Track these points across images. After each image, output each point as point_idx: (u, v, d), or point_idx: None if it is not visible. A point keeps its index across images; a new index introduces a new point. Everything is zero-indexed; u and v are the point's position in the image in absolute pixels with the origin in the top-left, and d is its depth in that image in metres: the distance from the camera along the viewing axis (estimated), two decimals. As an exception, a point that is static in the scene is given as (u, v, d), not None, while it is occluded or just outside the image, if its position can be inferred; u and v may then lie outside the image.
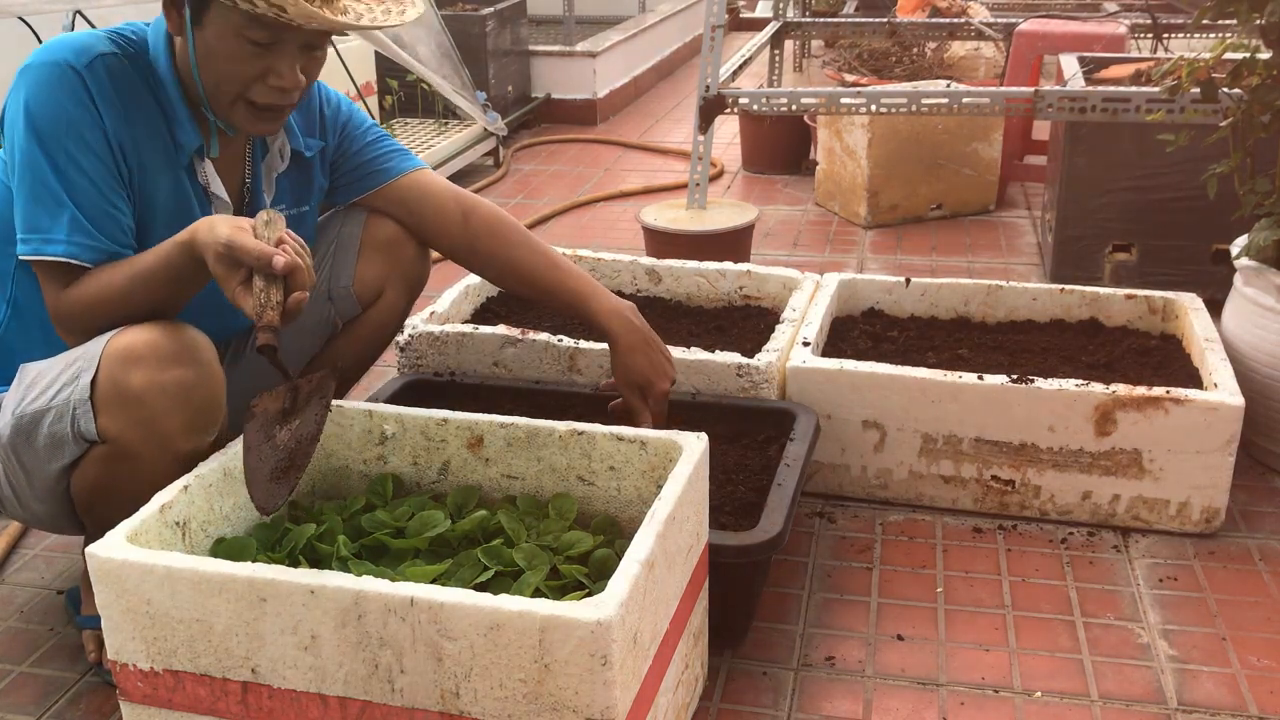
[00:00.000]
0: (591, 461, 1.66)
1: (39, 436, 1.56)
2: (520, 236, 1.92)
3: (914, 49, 5.21)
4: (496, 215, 1.93)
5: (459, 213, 1.91)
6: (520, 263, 1.91)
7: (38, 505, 1.66)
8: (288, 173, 1.81)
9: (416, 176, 1.92)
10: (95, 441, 1.53)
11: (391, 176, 1.90)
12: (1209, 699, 1.67)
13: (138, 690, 1.42)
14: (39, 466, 1.59)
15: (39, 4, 3.41)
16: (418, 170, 1.93)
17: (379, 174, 1.91)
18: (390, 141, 1.93)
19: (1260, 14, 2.20)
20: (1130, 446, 2.03)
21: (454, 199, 1.92)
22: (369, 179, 1.91)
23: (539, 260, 1.91)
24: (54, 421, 1.54)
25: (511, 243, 1.91)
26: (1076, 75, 3.28)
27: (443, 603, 1.25)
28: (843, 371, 2.12)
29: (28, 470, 1.60)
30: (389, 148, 1.92)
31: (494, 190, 4.44)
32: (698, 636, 1.63)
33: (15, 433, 1.58)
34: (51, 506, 1.65)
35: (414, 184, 1.91)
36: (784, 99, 3.34)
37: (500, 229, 1.91)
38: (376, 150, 1.91)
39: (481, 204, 1.93)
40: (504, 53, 5.17)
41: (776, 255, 3.61)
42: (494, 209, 1.94)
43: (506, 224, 1.92)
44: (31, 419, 1.56)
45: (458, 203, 1.92)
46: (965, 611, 1.88)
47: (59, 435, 1.54)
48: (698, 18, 7.26)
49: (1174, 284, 2.83)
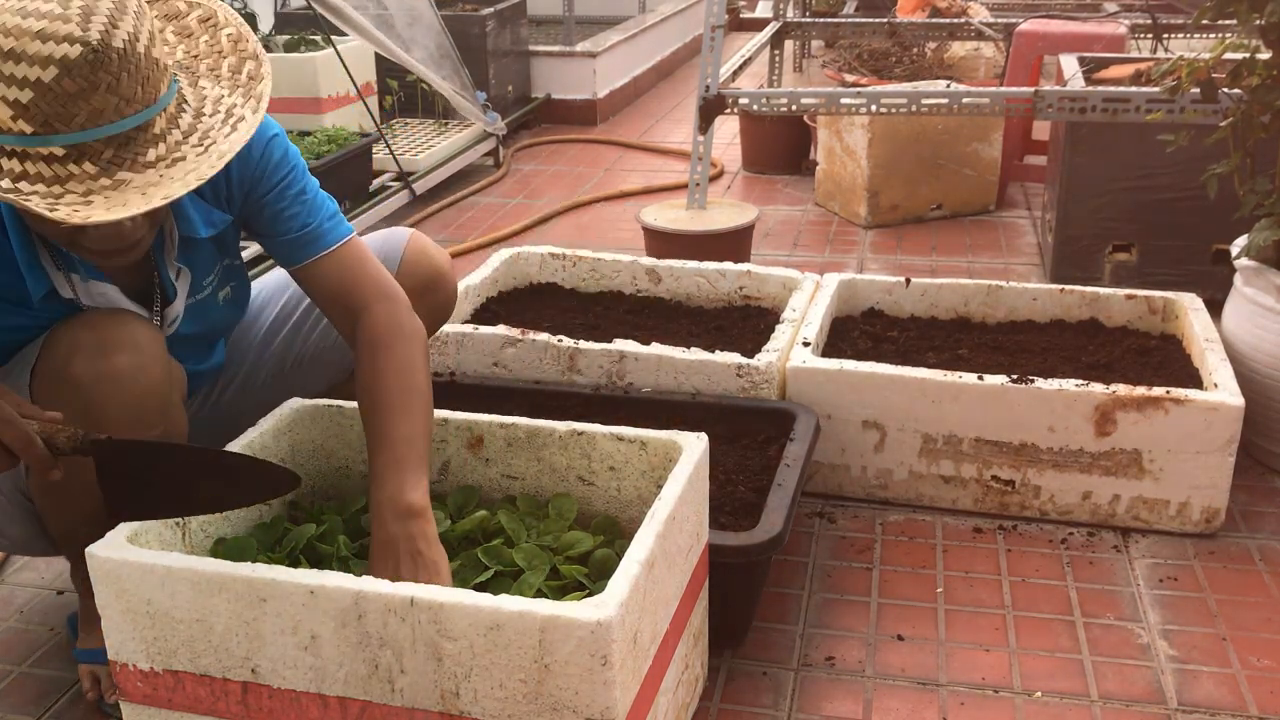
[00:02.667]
0: (591, 461, 1.66)
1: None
2: (390, 380, 1.54)
3: (914, 49, 5.21)
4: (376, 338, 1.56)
5: (349, 318, 1.61)
6: (365, 403, 1.54)
7: (12, 527, 1.64)
8: (194, 247, 1.61)
9: (309, 269, 1.62)
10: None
11: (291, 264, 1.64)
12: (1209, 699, 1.67)
13: (138, 690, 1.42)
14: (4, 478, 1.57)
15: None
16: (311, 262, 1.62)
17: (281, 258, 1.65)
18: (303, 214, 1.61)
19: (1260, 14, 2.20)
20: (1130, 447, 2.03)
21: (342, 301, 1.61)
22: (273, 251, 1.66)
23: (380, 415, 1.52)
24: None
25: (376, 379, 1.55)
26: (1076, 75, 3.28)
27: (443, 603, 1.25)
28: (843, 371, 2.12)
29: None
30: (295, 230, 1.61)
31: (494, 190, 4.44)
32: (698, 636, 1.63)
33: None
34: (25, 526, 1.63)
35: (309, 277, 1.63)
36: (784, 99, 3.34)
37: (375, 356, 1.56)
38: (283, 227, 1.62)
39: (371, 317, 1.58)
40: (504, 53, 5.18)
41: (776, 255, 3.61)
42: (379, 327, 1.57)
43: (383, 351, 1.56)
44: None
45: (346, 309, 1.61)
46: (965, 611, 1.88)
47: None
48: (698, 18, 7.26)
49: (1174, 284, 2.83)
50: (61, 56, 1.20)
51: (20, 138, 1.23)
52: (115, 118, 1.25)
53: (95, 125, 1.24)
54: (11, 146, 1.24)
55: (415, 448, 1.48)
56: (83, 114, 1.23)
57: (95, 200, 1.23)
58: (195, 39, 1.44)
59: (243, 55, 1.44)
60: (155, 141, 1.30)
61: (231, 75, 1.42)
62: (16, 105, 1.21)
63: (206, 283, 1.67)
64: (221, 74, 1.42)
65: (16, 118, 1.22)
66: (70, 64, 1.21)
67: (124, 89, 1.25)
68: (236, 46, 1.45)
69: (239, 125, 1.37)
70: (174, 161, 1.30)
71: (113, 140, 1.26)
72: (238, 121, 1.37)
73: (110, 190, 1.24)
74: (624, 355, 2.18)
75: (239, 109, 1.39)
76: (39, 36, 1.20)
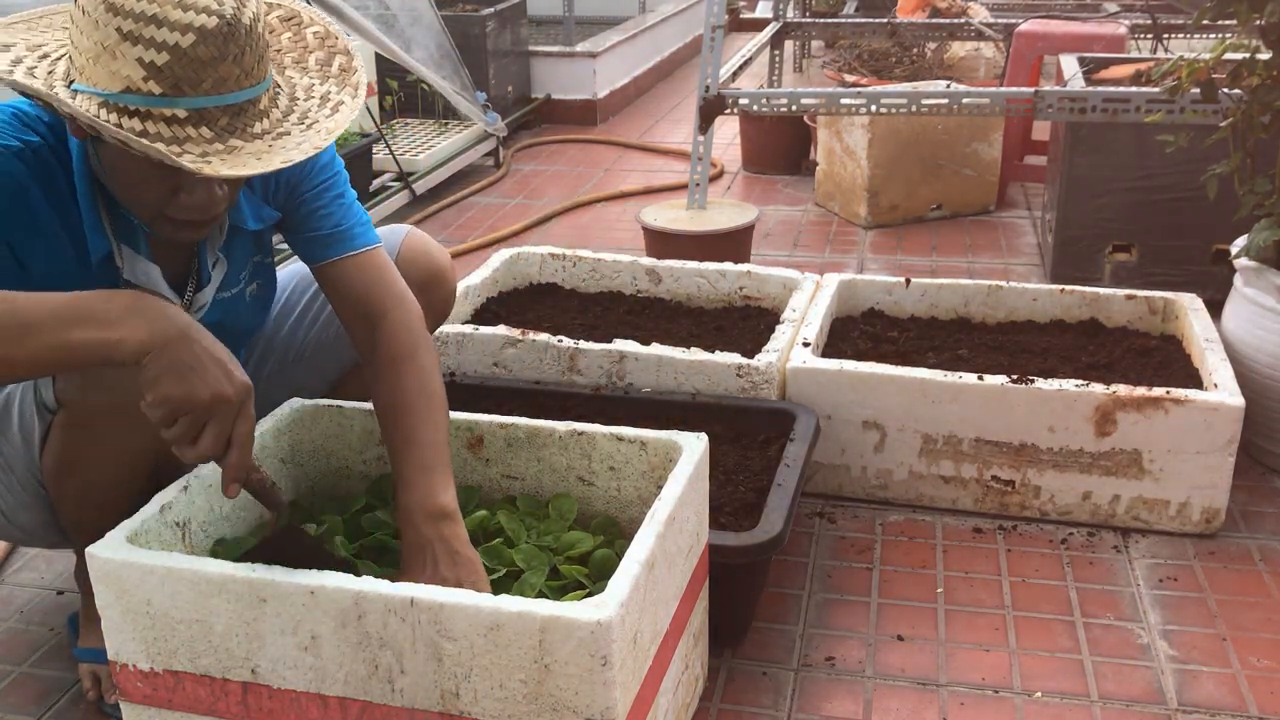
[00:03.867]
0: (591, 462, 1.66)
1: (13, 418, 1.54)
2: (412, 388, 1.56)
3: (914, 49, 5.21)
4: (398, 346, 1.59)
5: (365, 321, 1.63)
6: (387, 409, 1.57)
7: (24, 515, 1.64)
8: (236, 238, 1.66)
9: (331, 267, 1.65)
10: (55, 410, 1.51)
11: (315, 261, 1.67)
12: (1209, 699, 1.67)
13: (138, 690, 1.42)
14: (17, 459, 1.57)
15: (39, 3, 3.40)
16: (335, 261, 1.65)
17: (307, 254, 1.68)
18: (337, 215, 1.66)
19: (1260, 14, 2.20)
20: (1130, 447, 2.03)
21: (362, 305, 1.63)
22: (300, 248, 1.69)
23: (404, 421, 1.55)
24: (24, 391, 1.52)
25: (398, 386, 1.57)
26: (1076, 75, 3.28)
27: (443, 603, 1.25)
28: (843, 372, 2.12)
29: (10, 467, 1.59)
30: (326, 228, 1.65)
31: (494, 190, 4.44)
32: (698, 636, 1.63)
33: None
34: (36, 513, 1.63)
35: (331, 275, 1.66)
36: (784, 99, 3.34)
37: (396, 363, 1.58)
38: (315, 224, 1.66)
39: (391, 325, 1.60)
40: (504, 53, 5.18)
41: (776, 255, 3.61)
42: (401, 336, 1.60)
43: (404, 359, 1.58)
44: (5, 400, 1.55)
45: (366, 314, 1.63)
46: (965, 612, 1.88)
47: (28, 412, 1.52)
48: (698, 18, 7.26)
49: (1174, 284, 2.84)
50: (200, 25, 1.27)
51: (147, 98, 1.28)
52: (235, 88, 1.32)
53: (218, 93, 1.31)
54: (135, 106, 1.28)
55: (441, 452, 1.51)
56: (209, 81, 1.29)
57: (212, 160, 1.29)
58: (277, 35, 1.52)
59: (332, 50, 1.52)
60: (261, 116, 1.36)
61: (321, 68, 1.50)
62: (151, 67, 1.27)
63: (241, 276, 1.71)
64: (309, 66, 1.50)
65: (149, 79, 1.27)
66: (207, 32, 1.27)
67: (246, 62, 1.32)
68: (324, 43, 1.53)
69: (340, 109, 1.45)
70: (279, 135, 1.37)
71: (229, 109, 1.32)
72: (338, 105, 1.45)
73: (225, 154, 1.31)
74: (624, 355, 2.18)
75: (335, 95, 1.47)
76: (179, 5, 1.27)
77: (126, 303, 1.27)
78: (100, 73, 1.28)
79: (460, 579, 1.40)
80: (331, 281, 1.66)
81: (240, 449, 1.32)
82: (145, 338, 1.25)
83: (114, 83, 1.28)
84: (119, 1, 1.26)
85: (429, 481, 1.47)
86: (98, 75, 1.29)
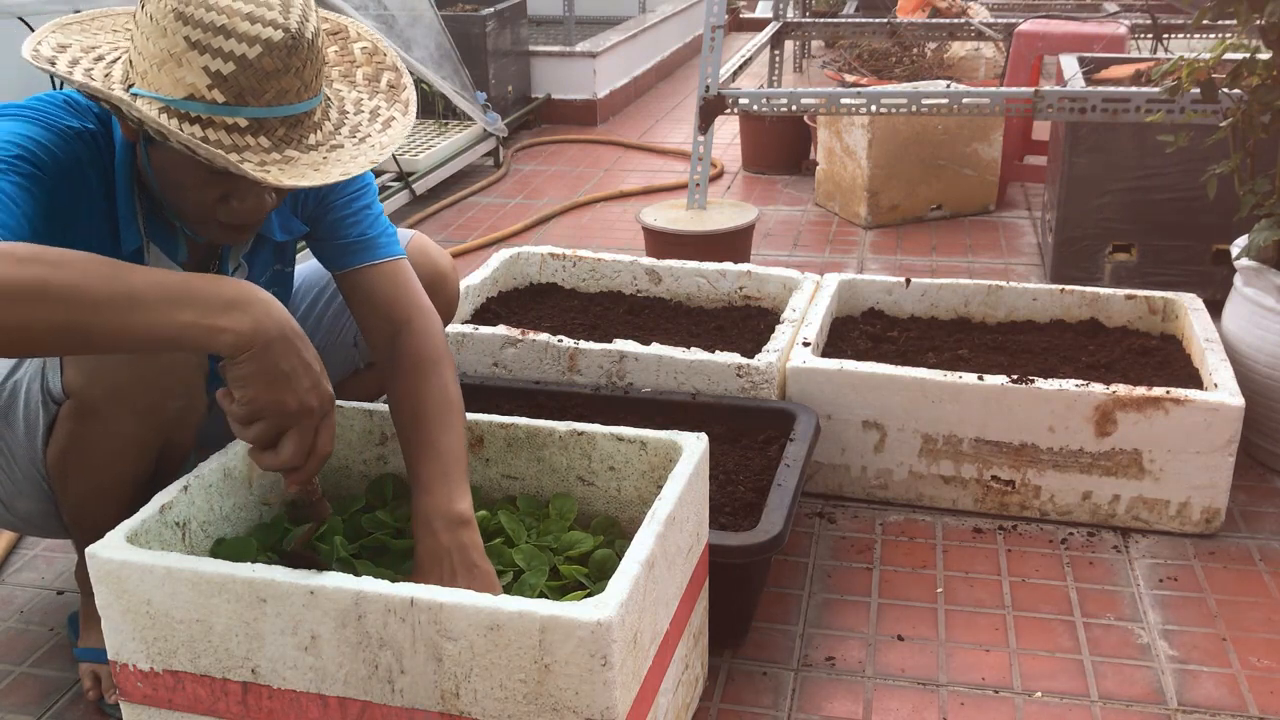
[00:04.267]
0: (591, 462, 1.66)
1: (18, 407, 1.55)
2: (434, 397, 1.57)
3: (914, 49, 5.21)
4: (421, 354, 1.61)
5: (387, 329, 1.63)
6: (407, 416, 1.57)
7: (23, 502, 1.64)
8: (259, 247, 1.69)
9: (355, 274, 1.66)
10: (62, 400, 1.51)
11: (339, 268, 1.68)
12: (1209, 699, 1.67)
13: (138, 690, 1.42)
14: (20, 448, 1.57)
15: (39, 4, 3.41)
16: (361, 268, 1.66)
17: (331, 261, 1.70)
18: (364, 224, 1.68)
19: (1260, 14, 2.20)
20: (1130, 447, 2.03)
21: (385, 314, 1.64)
22: (325, 255, 1.71)
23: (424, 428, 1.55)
24: (30, 381, 1.53)
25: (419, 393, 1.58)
26: (1076, 75, 3.28)
27: (443, 603, 1.25)
28: (843, 372, 2.12)
29: (11, 455, 1.59)
30: (353, 236, 1.67)
31: (494, 190, 4.44)
32: (698, 636, 1.63)
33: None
34: (35, 501, 1.63)
35: (354, 283, 1.67)
36: (784, 99, 3.34)
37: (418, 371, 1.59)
38: (342, 232, 1.67)
39: (415, 335, 1.62)
40: (504, 53, 5.18)
41: (776, 255, 3.61)
42: (425, 344, 1.62)
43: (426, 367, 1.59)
44: (11, 389, 1.55)
45: (388, 322, 1.64)
46: (965, 612, 1.88)
47: (34, 401, 1.53)
48: (698, 18, 7.26)
49: (1174, 284, 2.84)
50: (267, 38, 1.30)
51: (210, 105, 1.30)
52: (295, 100, 1.35)
53: (279, 104, 1.33)
54: (197, 114, 1.31)
55: (460, 460, 1.52)
56: (271, 92, 1.32)
57: (271, 170, 1.31)
58: (324, 49, 1.53)
59: (379, 66, 1.55)
60: (315, 128, 1.39)
61: (369, 83, 1.53)
62: (216, 75, 1.29)
63: (259, 284, 1.69)
64: (356, 81, 1.52)
65: (213, 87, 1.30)
66: (273, 45, 1.30)
67: (305, 75, 1.35)
68: (372, 59, 1.55)
69: (391, 124, 1.48)
70: (332, 148, 1.40)
71: (286, 120, 1.35)
72: (389, 120, 1.48)
73: (283, 164, 1.33)
74: (624, 355, 2.18)
75: (385, 110, 1.50)
76: (248, 18, 1.30)
77: (233, 293, 1.24)
78: (164, 79, 1.30)
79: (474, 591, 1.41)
80: (354, 289, 1.68)
81: (317, 461, 1.33)
82: (247, 333, 1.23)
83: (178, 89, 1.30)
84: (189, 11, 1.28)
85: (448, 488, 1.48)
86: (161, 81, 1.31)
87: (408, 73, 1.54)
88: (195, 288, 1.23)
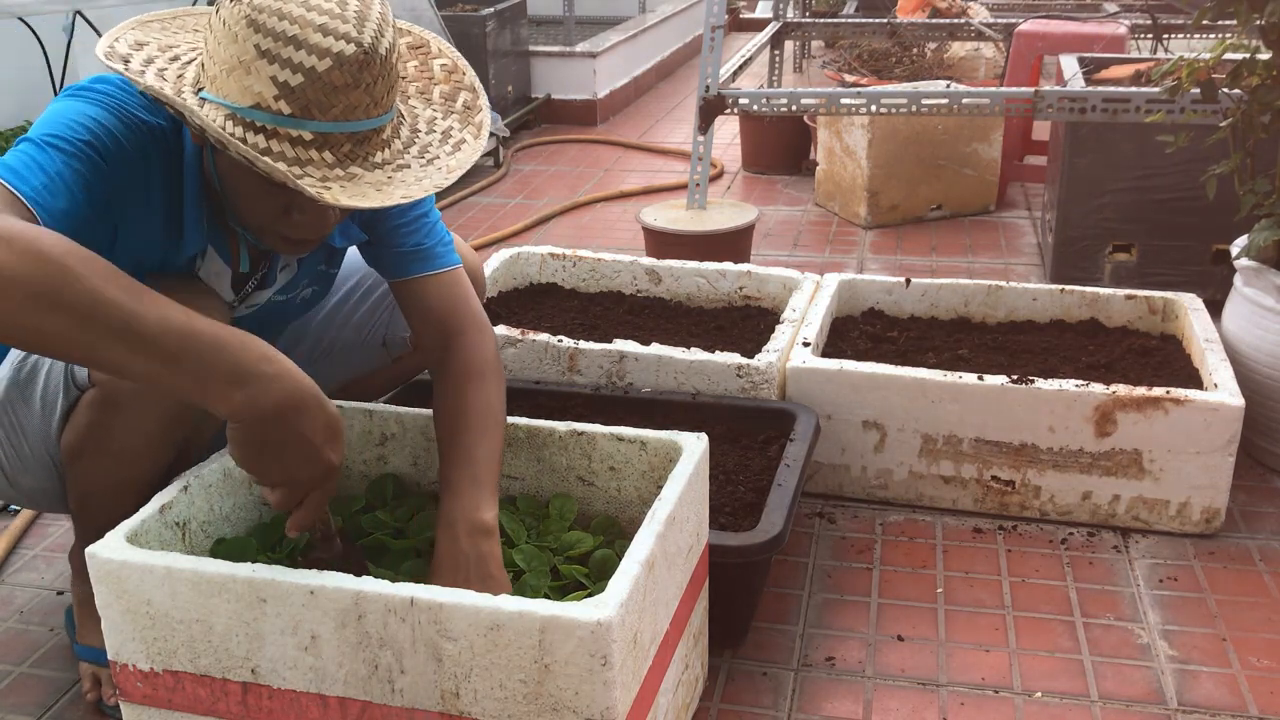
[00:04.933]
0: (591, 462, 1.66)
1: (37, 385, 1.55)
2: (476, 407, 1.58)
3: (914, 49, 5.21)
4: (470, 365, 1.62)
5: (440, 339, 1.66)
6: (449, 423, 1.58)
7: (28, 479, 1.64)
8: (318, 253, 1.69)
9: (411, 283, 1.68)
10: (85, 388, 1.51)
11: (394, 276, 1.70)
12: (1209, 699, 1.67)
13: (137, 690, 1.42)
14: (33, 425, 1.57)
15: (39, 4, 3.41)
16: (417, 278, 1.68)
17: (387, 268, 1.71)
18: (420, 233, 1.69)
19: (1260, 14, 2.20)
20: (1130, 447, 2.03)
21: (439, 323, 1.66)
22: (382, 262, 1.71)
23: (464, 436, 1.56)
24: (54, 362, 1.53)
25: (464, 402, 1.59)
26: (1076, 75, 3.28)
27: (443, 603, 1.25)
28: (843, 372, 2.12)
29: (22, 431, 1.59)
30: (409, 245, 1.68)
31: (494, 190, 4.44)
32: (698, 636, 1.63)
33: (11, 385, 1.56)
34: (40, 479, 1.63)
35: (410, 291, 1.69)
36: (784, 99, 3.34)
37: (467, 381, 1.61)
38: (399, 241, 1.68)
39: (466, 346, 1.64)
40: (504, 53, 5.18)
41: (776, 255, 3.61)
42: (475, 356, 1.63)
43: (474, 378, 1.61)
44: (33, 365, 1.55)
45: (442, 331, 1.66)
46: (965, 612, 1.88)
47: (55, 383, 1.53)
48: (698, 18, 7.26)
49: (1174, 284, 2.84)
50: (338, 51, 1.27)
51: (276, 117, 1.28)
52: (363, 116, 1.32)
53: (346, 119, 1.31)
54: (262, 124, 1.29)
55: (493, 471, 1.53)
56: (339, 107, 1.29)
57: (333, 187, 1.29)
58: (404, 63, 1.52)
59: (457, 85, 1.52)
60: (383, 146, 1.36)
61: (445, 101, 1.50)
62: (284, 87, 1.27)
63: (302, 282, 1.72)
64: (433, 99, 1.50)
65: (280, 98, 1.28)
66: (344, 59, 1.28)
67: (376, 91, 1.32)
68: (451, 76, 1.53)
69: (462, 147, 1.45)
70: (399, 167, 1.37)
71: (354, 136, 1.33)
72: (460, 144, 1.45)
73: (345, 181, 1.31)
74: (624, 355, 2.18)
75: (457, 132, 1.47)
76: (320, 30, 1.27)
77: (234, 366, 1.21)
78: (232, 86, 1.29)
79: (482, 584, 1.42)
80: (410, 297, 1.69)
81: (307, 511, 1.35)
82: (238, 408, 1.22)
83: (245, 97, 1.28)
84: (262, 19, 1.26)
85: (478, 495, 1.48)
86: (229, 88, 1.29)
87: (484, 94, 1.52)
88: (203, 350, 1.20)
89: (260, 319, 1.71)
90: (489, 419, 1.58)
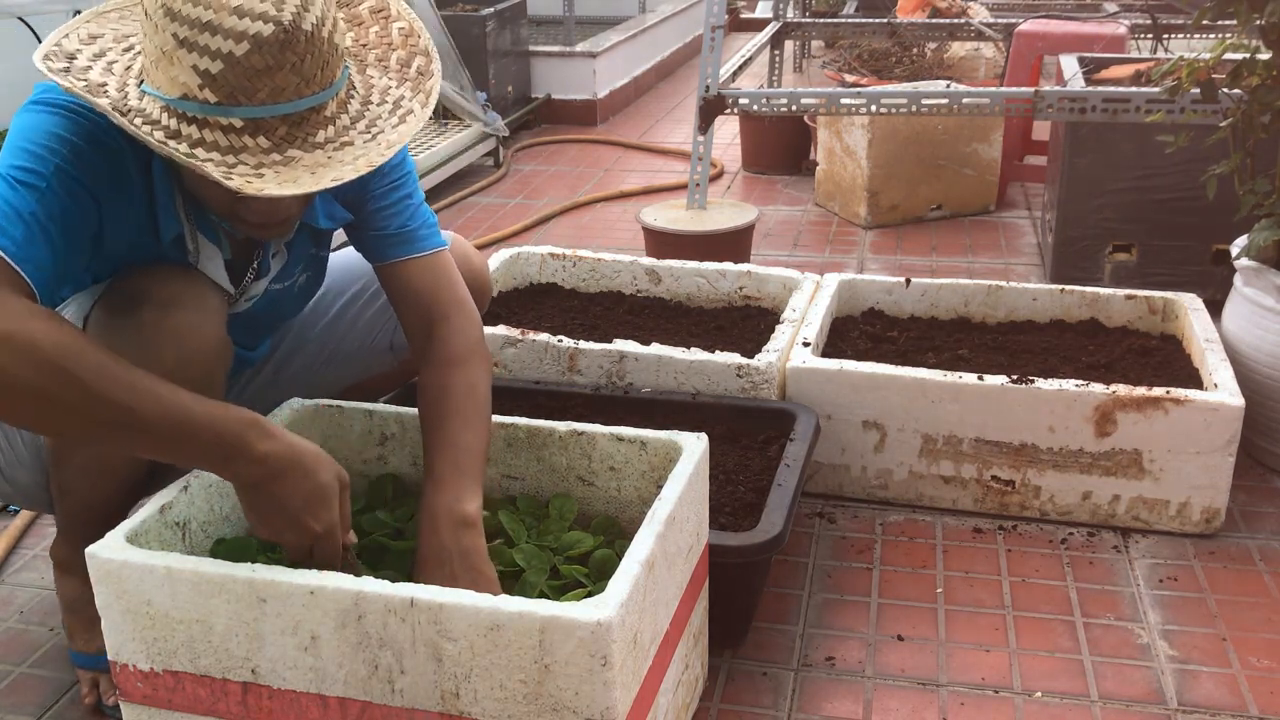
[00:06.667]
0: (591, 462, 1.66)
1: None
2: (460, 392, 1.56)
3: (914, 49, 5.21)
4: (454, 350, 1.60)
5: (424, 323, 1.63)
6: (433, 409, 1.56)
7: (23, 474, 1.63)
8: (300, 233, 1.66)
9: (395, 267, 1.65)
10: None
11: (378, 260, 1.67)
12: (1209, 699, 1.67)
13: (137, 691, 1.42)
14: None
15: (39, 4, 3.41)
16: (400, 261, 1.65)
17: (370, 252, 1.68)
18: (404, 215, 1.66)
19: (1260, 14, 2.20)
20: (1130, 447, 2.03)
21: (423, 307, 1.63)
22: (365, 245, 1.69)
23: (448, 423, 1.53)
24: None
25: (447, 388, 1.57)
26: (1076, 75, 3.28)
27: (443, 603, 1.25)
28: (843, 372, 2.12)
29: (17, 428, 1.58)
30: (393, 227, 1.65)
31: (494, 190, 4.44)
32: (698, 636, 1.63)
33: None
34: (36, 475, 1.63)
35: (393, 275, 1.66)
36: (784, 99, 3.34)
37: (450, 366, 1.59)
38: (382, 223, 1.65)
39: (450, 330, 1.61)
40: (504, 53, 5.17)
41: (776, 255, 3.61)
42: (459, 340, 1.61)
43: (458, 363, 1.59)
44: None
45: (426, 316, 1.63)
46: (965, 612, 1.88)
47: None
48: (698, 18, 7.25)
49: (1174, 284, 2.84)
50: (255, 33, 1.24)
51: (204, 106, 1.26)
52: (294, 97, 1.29)
53: (275, 102, 1.27)
54: (193, 114, 1.27)
55: (477, 459, 1.51)
56: (265, 90, 1.26)
57: (266, 174, 1.27)
58: (365, 28, 1.48)
59: (413, 50, 1.47)
60: (325, 124, 1.33)
61: (400, 68, 1.45)
62: (206, 75, 1.25)
63: (296, 269, 1.70)
64: (390, 65, 1.45)
65: (204, 86, 1.25)
66: (262, 41, 1.24)
67: (306, 70, 1.28)
68: (407, 41, 1.48)
69: (407, 118, 1.40)
70: (342, 145, 1.33)
71: (288, 118, 1.29)
72: (406, 114, 1.40)
73: (281, 166, 1.28)
74: (624, 355, 2.18)
75: (407, 102, 1.42)
76: (235, 12, 1.23)
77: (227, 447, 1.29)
78: (161, 77, 1.28)
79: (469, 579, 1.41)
80: (393, 280, 1.66)
81: (319, 562, 1.38)
82: (229, 478, 1.34)
83: (173, 88, 1.27)
84: (178, 7, 1.24)
85: (460, 485, 1.46)
86: (159, 79, 1.28)
87: (438, 58, 1.47)
88: (198, 431, 1.27)
89: (262, 312, 1.70)
90: (473, 405, 1.54)
